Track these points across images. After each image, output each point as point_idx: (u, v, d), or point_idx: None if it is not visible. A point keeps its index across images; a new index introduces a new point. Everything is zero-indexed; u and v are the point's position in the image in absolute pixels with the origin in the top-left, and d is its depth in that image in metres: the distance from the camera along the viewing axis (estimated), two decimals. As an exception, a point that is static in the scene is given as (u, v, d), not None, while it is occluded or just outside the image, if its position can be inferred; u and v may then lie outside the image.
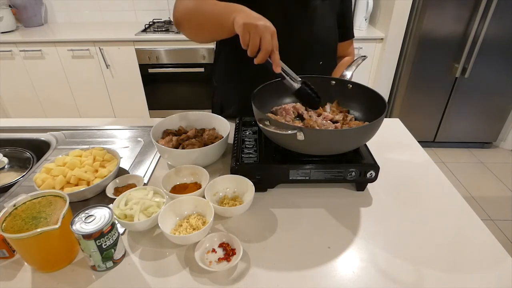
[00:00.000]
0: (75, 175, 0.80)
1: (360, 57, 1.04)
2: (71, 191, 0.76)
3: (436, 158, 2.64)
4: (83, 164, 0.84)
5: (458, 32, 2.23)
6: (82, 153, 0.88)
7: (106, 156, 0.88)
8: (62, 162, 0.83)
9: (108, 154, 0.89)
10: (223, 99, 1.19)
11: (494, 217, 2.06)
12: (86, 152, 0.88)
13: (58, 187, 0.78)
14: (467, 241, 0.71)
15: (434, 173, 0.93)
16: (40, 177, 0.80)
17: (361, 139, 0.79)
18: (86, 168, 0.82)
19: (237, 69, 1.08)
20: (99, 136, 1.09)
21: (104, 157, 0.88)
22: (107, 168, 0.85)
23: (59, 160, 0.84)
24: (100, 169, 0.84)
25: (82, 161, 0.84)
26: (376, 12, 2.58)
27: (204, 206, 0.73)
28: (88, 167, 0.83)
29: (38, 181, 0.79)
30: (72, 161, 0.82)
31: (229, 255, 0.65)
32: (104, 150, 0.89)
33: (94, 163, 0.85)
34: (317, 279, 0.63)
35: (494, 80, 2.39)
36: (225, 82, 1.16)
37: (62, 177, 0.79)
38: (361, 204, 0.81)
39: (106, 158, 0.88)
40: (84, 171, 0.81)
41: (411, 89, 2.47)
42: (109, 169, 0.84)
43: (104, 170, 0.83)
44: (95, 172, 0.83)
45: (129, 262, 0.66)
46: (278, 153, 0.83)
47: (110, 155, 0.89)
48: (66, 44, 2.37)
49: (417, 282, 0.62)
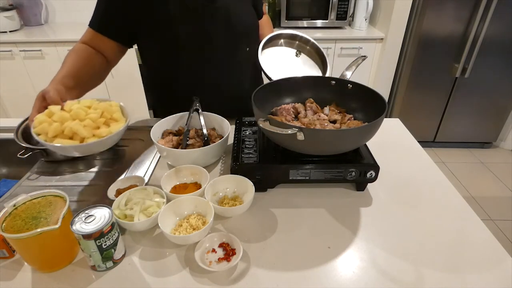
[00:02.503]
0: (72, 127, 0.71)
1: (360, 57, 1.04)
2: (59, 143, 0.70)
3: (436, 158, 2.64)
4: (87, 116, 0.74)
5: (458, 32, 2.23)
6: (93, 103, 0.79)
7: (115, 114, 0.79)
8: (69, 108, 0.75)
9: (118, 113, 0.79)
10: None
11: (494, 217, 2.06)
12: (97, 104, 0.79)
13: (50, 134, 0.71)
14: (467, 241, 0.71)
15: (434, 173, 0.93)
16: (40, 118, 0.73)
17: (361, 139, 0.79)
18: (87, 122, 0.73)
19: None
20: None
21: (113, 115, 0.78)
22: (110, 129, 0.75)
23: (68, 105, 0.76)
24: (103, 127, 0.75)
25: (87, 113, 0.75)
26: (376, 12, 2.58)
27: (204, 206, 0.73)
28: (89, 121, 0.73)
29: (36, 122, 0.72)
30: (77, 111, 0.73)
31: (229, 255, 0.65)
32: (117, 107, 0.80)
33: (100, 119, 0.75)
34: (317, 279, 0.63)
35: (494, 80, 2.39)
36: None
37: (58, 125, 0.71)
38: (361, 204, 0.81)
39: (114, 116, 0.78)
40: (84, 125, 0.72)
41: (411, 89, 2.47)
42: (110, 131, 0.74)
43: (104, 130, 0.74)
44: (95, 129, 0.74)
45: (129, 262, 0.66)
46: (278, 153, 0.83)
47: (119, 115, 0.79)
48: (66, 44, 2.37)
49: (417, 282, 0.62)
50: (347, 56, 2.49)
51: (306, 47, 1.15)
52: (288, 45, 1.15)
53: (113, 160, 0.99)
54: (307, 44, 1.15)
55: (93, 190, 0.86)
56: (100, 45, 0.97)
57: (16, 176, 1.01)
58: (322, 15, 2.50)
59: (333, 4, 2.43)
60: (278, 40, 1.14)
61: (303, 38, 1.15)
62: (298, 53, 1.12)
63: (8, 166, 1.16)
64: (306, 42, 1.15)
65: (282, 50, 1.13)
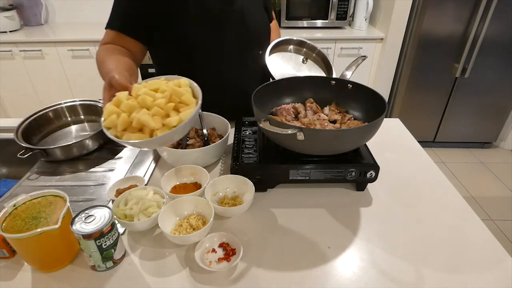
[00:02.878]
0: (139, 118, 0.63)
1: (360, 57, 1.04)
2: (128, 138, 0.63)
3: (436, 158, 2.64)
4: (154, 102, 0.66)
5: (458, 32, 2.23)
6: (161, 84, 0.70)
7: (184, 97, 0.68)
8: (136, 94, 0.68)
9: (187, 94, 0.69)
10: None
11: (494, 217, 2.06)
12: (165, 85, 0.70)
13: (119, 127, 0.64)
14: (467, 241, 0.71)
15: (434, 173, 0.93)
16: (108, 108, 0.66)
17: (361, 139, 0.79)
18: (155, 110, 0.64)
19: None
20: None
21: (182, 97, 0.68)
22: (180, 116, 0.65)
23: (135, 89, 0.68)
24: (172, 114, 0.66)
25: (154, 98, 0.67)
26: (376, 12, 2.58)
27: (204, 206, 0.73)
28: (157, 109, 0.65)
29: (105, 113, 0.66)
30: (144, 98, 0.66)
31: (229, 255, 0.65)
32: (187, 87, 0.70)
33: (168, 104, 0.66)
34: (317, 279, 0.63)
35: (494, 80, 2.38)
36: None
37: (126, 116, 0.65)
38: (361, 204, 0.81)
39: (183, 99, 0.68)
40: (152, 114, 0.64)
41: (411, 89, 2.47)
42: (180, 118, 0.65)
43: (174, 119, 0.64)
44: (164, 117, 0.66)
45: (129, 262, 0.66)
46: (278, 153, 0.83)
47: (189, 97, 0.68)
48: (66, 44, 2.37)
49: (417, 282, 0.62)
50: (347, 56, 2.49)
51: (313, 54, 1.18)
52: (296, 52, 1.18)
53: (113, 160, 0.99)
54: (313, 51, 1.17)
55: (93, 190, 0.86)
56: (122, 45, 0.94)
57: (16, 176, 1.01)
58: (322, 15, 2.50)
59: (333, 4, 2.43)
60: (287, 46, 1.17)
61: (310, 46, 1.17)
62: (304, 60, 1.15)
63: (8, 166, 1.16)
64: (313, 50, 1.17)
65: (289, 56, 1.16)
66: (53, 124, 1.12)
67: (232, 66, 1.04)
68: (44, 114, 1.10)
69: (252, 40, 1.06)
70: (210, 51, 0.99)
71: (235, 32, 1.00)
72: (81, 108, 1.16)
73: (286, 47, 1.17)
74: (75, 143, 0.96)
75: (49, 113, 1.11)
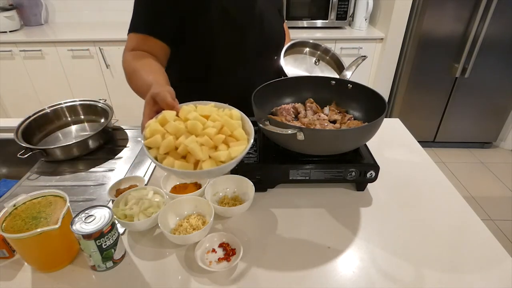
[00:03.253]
0: (187, 145, 0.58)
1: (360, 57, 1.04)
2: (170, 164, 0.58)
3: (436, 158, 2.64)
4: (204, 130, 0.60)
5: (458, 32, 2.23)
6: (212, 111, 0.65)
7: (237, 132, 0.63)
8: (185, 117, 0.63)
9: (239, 129, 0.63)
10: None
11: (494, 217, 2.06)
12: (216, 113, 0.64)
13: (162, 150, 0.59)
14: (467, 241, 0.71)
15: (434, 173, 0.93)
16: (153, 126, 0.61)
17: (361, 139, 0.79)
18: (204, 140, 0.59)
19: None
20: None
21: (234, 132, 0.63)
22: (229, 151, 0.59)
23: (184, 112, 0.63)
24: (221, 147, 0.60)
25: (205, 126, 0.61)
26: (376, 12, 2.58)
27: (204, 206, 0.73)
28: (207, 139, 0.59)
29: (148, 131, 0.61)
30: (194, 123, 0.60)
31: (229, 255, 0.65)
32: (238, 121, 0.65)
33: (218, 135, 0.60)
34: (317, 279, 0.63)
35: (494, 80, 2.38)
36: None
37: (172, 139, 0.59)
38: (361, 204, 0.81)
39: (235, 134, 0.63)
40: (200, 143, 0.59)
41: (411, 89, 2.47)
42: (230, 155, 0.59)
43: (222, 153, 0.59)
44: (212, 150, 0.60)
45: (129, 262, 0.66)
46: (278, 153, 0.83)
47: (241, 133, 0.63)
48: (66, 44, 2.36)
49: (417, 282, 0.62)
50: (347, 56, 2.49)
51: (326, 57, 1.19)
52: (310, 54, 1.19)
53: (113, 160, 0.99)
54: (327, 54, 1.19)
55: (93, 190, 0.86)
56: (149, 49, 0.90)
57: (16, 176, 1.01)
58: (322, 15, 2.50)
59: (333, 4, 2.43)
60: (301, 48, 1.18)
61: (324, 48, 1.18)
62: (317, 61, 1.16)
63: (8, 166, 1.16)
64: (327, 52, 1.18)
65: (302, 57, 1.18)
66: (53, 124, 1.12)
67: (250, 69, 1.03)
68: (44, 114, 1.10)
69: (270, 44, 1.06)
70: (229, 54, 0.99)
71: (254, 36, 0.99)
72: (81, 108, 1.16)
73: (300, 49, 1.18)
74: (75, 143, 0.96)
75: (49, 113, 1.11)
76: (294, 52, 1.16)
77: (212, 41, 0.94)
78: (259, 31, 1.00)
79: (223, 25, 0.93)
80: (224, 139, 0.61)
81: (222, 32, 0.94)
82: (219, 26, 0.92)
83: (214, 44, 0.95)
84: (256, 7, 0.97)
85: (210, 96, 0.95)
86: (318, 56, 1.18)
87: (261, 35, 1.00)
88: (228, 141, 0.62)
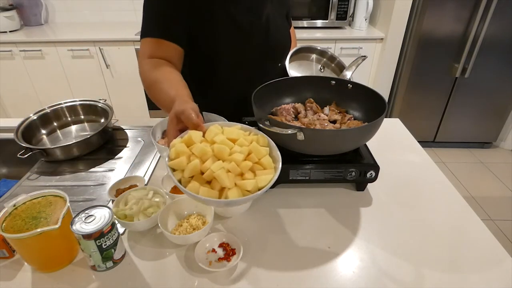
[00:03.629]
0: (213, 171, 0.55)
1: (360, 57, 1.04)
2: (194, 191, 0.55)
3: (436, 158, 2.64)
4: (231, 155, 0.58)
5: (458, 32, 2.23)
6: (240, 135, 0.62)
7: (264, 159, 0.60)
8: (211, 139, 0.60)
9: (267, 157, 0.61)
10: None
11: (494, 217, 2.06)
12: (244, 137, 0.62)
13: (187, 174, 0.56)
14: (467, 241, 0.71)
15: (434, 173, 0.93)
16: (178, 147, 0.58)
17: (361, 139, 0.78)
18: (231, 166, 0.56)
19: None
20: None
21: (262, 159, 0.60)
22: (256, 180, 0.56)
23: (211, 134, 0.61)
24: (248, 175, 0.58)
25: (232, 151, 0.59)
26: (376, 12, 2.58)
27: (204, 206, 0.73)
28: (234, 166, 0.56)
29: (173, 152, 0.58)
30: (221, 148, 0.58)
31: (229, 255, 0.65)
32: (266, 148, 0.62)
33: (245, 162, 0.58)
34: (317, 279, 0.63)
35: (494, 80, 2.38)
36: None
37: (198, 163, 0.56)
38: (361, 204, 0.81)
39: (263, 162, 0.60)
40: (227, 169, 0.56)
41: (411, 89, 2.47)
42: (257, 184, 0.56)
43: (249, 182, 0.56)
44: (238, 177, 0.57)
45: (129, 262, 0.66)
46: (278, 153, 0.83)
47: (269, 160, 0.61)
48: (66, 44, 2.37)
49: (417, 282, 0.62)
50: (347, 56, 2.49)
51: (332, 64, 1.19)
52: (317, 61, 1.19)
53: (113, 160, 0.99)
54: (333, 61, 1.18)
55: (93, 190, 0.86)
56: (164, 54, 0.88)
57: (16, 176, 1.01)
58: (322, 15, 2.50)
59: (333, 4, 2.43)
60: (307, 54, 1.18)
61: (330, 55, 1.18)
62: (322, 68, 1.16)
63: (8, 166, 1.16)
64: (333, 60, 1.18)
65: (307, 64, 1.18)
66: (53, 124, 1.12)
67: (252, 76, 1.03)
68: (44, 114, 1.10)
69: (274, 52, 1.06)
70: (232, 60, 0.98)
71: (259, 44, 0.99)
72: (81, 108, 1.16)
73: (306, 55, 1.18)
74: (75, 143, 0.96)
75: (49, 113, 1.11)
76: (300, 57, 1.16)
77: (216, 45, 0.94)
78: (265, 37, 0.99)
79: (228, 29, 0.92)
80: (251, 167, 0.59)
81: (227, 37, 0.93)
82: (224, 31, 0.92)
83: (218, 47, 0.95)
84: (264, 13, 0.97)
85: (211, 98, 0.95)
86: (324, 63, 1.18)
87: (266, 41, 1.00)
88: (255, 168, 0.59)
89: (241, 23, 0.93)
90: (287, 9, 1.12)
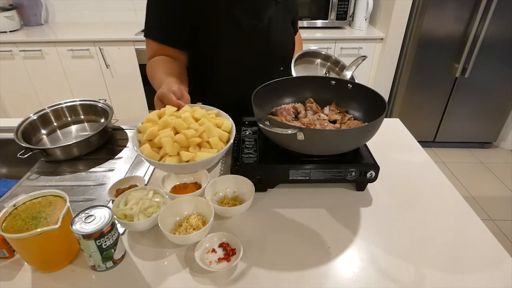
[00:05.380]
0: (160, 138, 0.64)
1: (360, 57, 1.04)
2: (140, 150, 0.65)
3: (436, 158, 2.64)
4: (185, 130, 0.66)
5: (458, 32, 2.23)
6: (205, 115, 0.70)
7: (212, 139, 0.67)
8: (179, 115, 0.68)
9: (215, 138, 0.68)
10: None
11: (494, 217, 2.06)
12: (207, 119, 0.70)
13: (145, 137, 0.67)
14: (467, 241, 0.71)
15: (434, 173, 0.93)
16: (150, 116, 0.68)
17: (361, 139, 0.79)
18: (179, 137, 0.65)
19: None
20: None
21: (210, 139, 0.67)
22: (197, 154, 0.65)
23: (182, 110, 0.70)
24: (192, 149, 0.66)
25: (189, 126, 0.67)
26: (376, 12, 2.58)
27: (204, 206, 0.73)
28: (182, 137, 0.65)
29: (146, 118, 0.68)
30: (180, 122, 0.66)
31: (229, 255, 0.65)
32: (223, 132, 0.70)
33: (194, 138, 0.66)
34: (317, 279, 0.63)
35: (494, 80, 2.38)
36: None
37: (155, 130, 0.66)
38: (361, 204, 0.81)
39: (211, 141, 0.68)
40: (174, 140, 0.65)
41: (411, 89, 2.47)
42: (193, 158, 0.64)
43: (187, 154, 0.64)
44: (183, 148, 0.65)
45: (129, 262, 0.66)
46: (278, 153, 0.83)
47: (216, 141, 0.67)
48: (66, 44, 2.37)
49: (417, 282, 0.62)
50: (347, 56, 2.49)
51: (336, 68, 1.20)
52: (322, 66, 1.21)
53: (113, 160, 0.99)
54: (337, 65, 1.19)
55: (93, 190, 0.86)
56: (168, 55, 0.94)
57: (16, 176, 1.01)
58: (322, 15, 2.50)
59: (333, 4, 2.43)
60: (312, 59, 1.19)
61: (334, 60, 1.19)
62: (327, 73, 1.17)
63: (8, 166, 1.16)
64: (337, 64, 1.19)
65: (313, 68, 1.19)
66: (53, 124, 1.12)
67: (252, 77, 1.03)
68: (44, 114, 1.10)
69: (275, 57, 1.06)
70: (233, 63, 0.99)
71: (260, 48, 1.00)
72: (81, 108, 1.16)
73: (311, 59, 1.19)
74: (75, 143, 0.96)
75: (49, 113, 1.11)
76: (305, 61, 1.17)
77: (217, 45, 0.94)
78: (266, 39, 0.99)
79: (230, 31, 0.93)
80: (200, 143, 0.66)
81: (228, 38, 0.94)
82: (226, 32, 0.93)
83: (218, 48, 0.95)
84: (267, 15, 0.97)
85: (211, 98, 0.95)
86: (328, 68, 1.19)
87: (267, 43, 1.00)
88: (203, 145, 0.67)
89: (243, 25, 0.93)
90: (293, 15, 1.12)
